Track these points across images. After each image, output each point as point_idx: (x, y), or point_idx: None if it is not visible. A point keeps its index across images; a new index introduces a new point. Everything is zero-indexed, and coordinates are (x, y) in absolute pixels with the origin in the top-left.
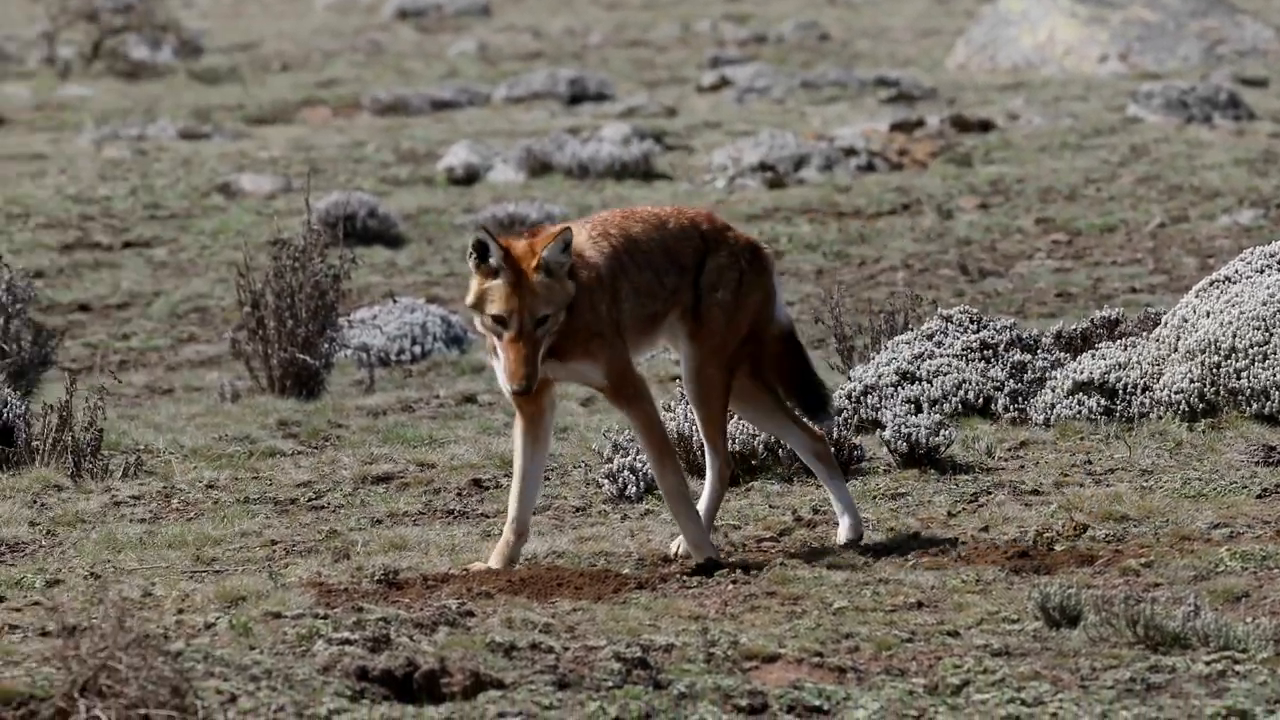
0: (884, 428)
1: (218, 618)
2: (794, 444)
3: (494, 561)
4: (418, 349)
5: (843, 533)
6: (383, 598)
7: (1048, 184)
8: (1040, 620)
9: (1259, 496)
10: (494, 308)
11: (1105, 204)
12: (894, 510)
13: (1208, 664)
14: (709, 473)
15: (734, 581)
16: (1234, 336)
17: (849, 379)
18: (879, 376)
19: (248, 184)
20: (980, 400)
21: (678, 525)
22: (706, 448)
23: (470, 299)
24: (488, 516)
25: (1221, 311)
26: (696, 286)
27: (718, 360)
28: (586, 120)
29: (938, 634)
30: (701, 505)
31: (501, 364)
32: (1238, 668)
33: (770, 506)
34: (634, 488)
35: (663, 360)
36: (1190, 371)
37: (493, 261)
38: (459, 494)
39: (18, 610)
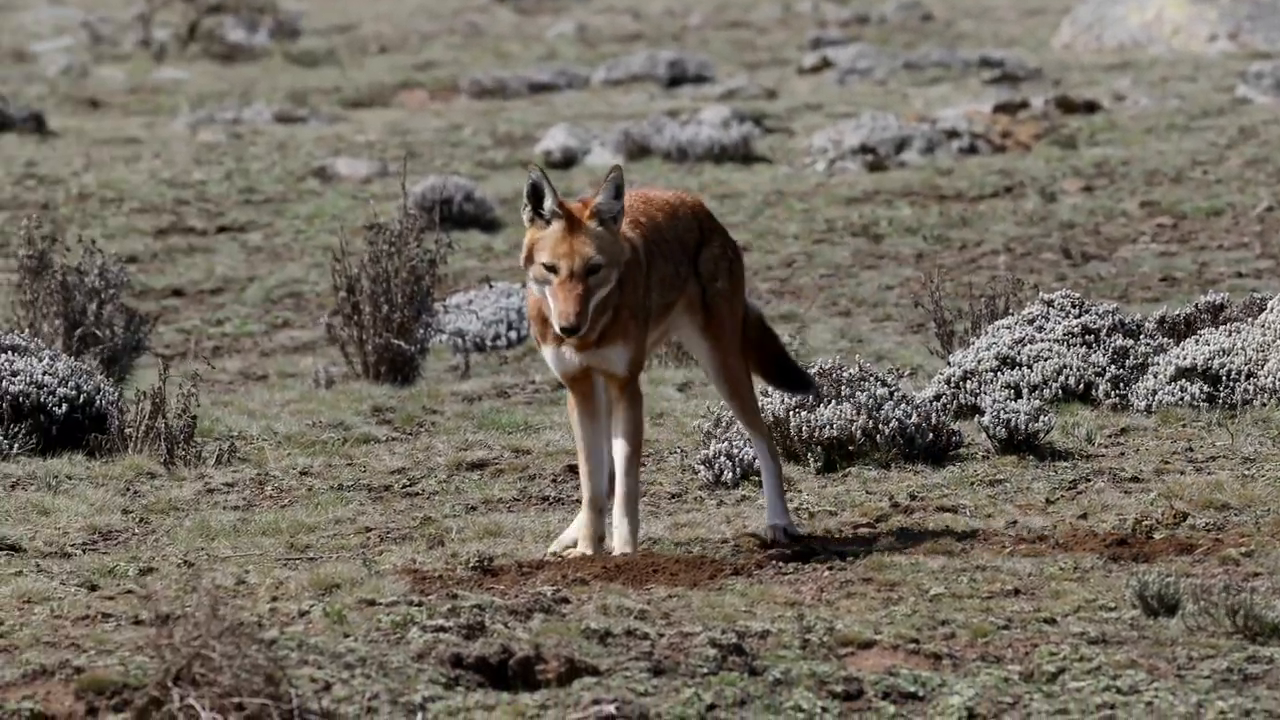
0: (983, 413)
1: (312, 605)
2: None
3: (583, 545)
4: (513, 334)
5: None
6: (477, 585)
7: (1153, 166)
8: (1138, 609)
9: None
10: (545, 255)
11: (1212, 187)
12: (992, 497)
13: None
14: (763, 456)
15: (830, 568)
16: None
17: (948, 364)
18: (979, 361)
19: (344, 168)
20: (1081, 386)
21: (620, 523)
22: (751, 434)
23: (523, 253)
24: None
25: None
26: (697, 276)
27: (734, 349)
28: (686, 103)
29: (1034, 621)
30: (768, 488)
31: (553, 309)
32: None
33: (867, 493)
34: (730, 474)
35: None
36: None
37: (547, 207)
38: (554, 480)
39: (111, 599)
